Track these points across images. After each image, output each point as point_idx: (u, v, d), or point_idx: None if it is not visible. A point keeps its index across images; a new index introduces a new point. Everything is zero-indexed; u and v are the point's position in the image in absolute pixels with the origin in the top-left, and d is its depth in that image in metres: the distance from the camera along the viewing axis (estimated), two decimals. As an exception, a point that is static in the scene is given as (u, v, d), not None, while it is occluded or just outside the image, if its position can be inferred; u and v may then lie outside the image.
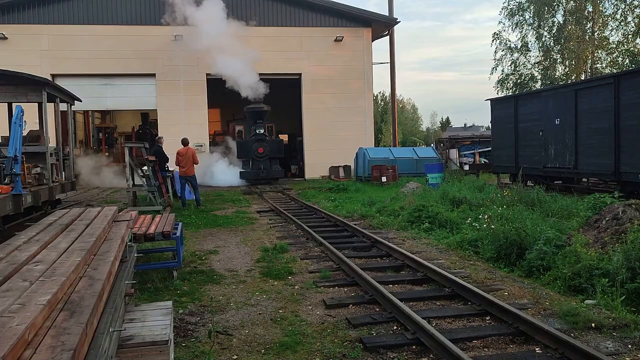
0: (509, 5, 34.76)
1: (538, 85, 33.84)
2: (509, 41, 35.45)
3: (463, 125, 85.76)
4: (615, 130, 13.41)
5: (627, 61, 30.68)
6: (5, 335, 1.96)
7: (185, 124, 24.18)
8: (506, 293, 6.42)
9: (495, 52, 35.75)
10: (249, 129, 23.87)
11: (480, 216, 9.74)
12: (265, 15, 25.84)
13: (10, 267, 3.15)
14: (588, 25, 32.93)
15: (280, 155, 24.06)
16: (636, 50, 30.70)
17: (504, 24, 36.26)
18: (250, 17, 25.32)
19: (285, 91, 26.66)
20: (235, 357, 4.80)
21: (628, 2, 30.85)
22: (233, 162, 23.88)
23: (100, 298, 2.85)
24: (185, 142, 15.71)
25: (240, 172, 22.92)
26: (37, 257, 3.51)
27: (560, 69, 34.29)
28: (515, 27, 34.87)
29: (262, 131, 22.88)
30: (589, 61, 33.04)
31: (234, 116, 28.00)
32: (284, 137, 28.19)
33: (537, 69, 35.17)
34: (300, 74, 26.24)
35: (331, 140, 25.92)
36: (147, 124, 29.10)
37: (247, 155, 22.95)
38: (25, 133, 11.43)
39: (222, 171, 23.34)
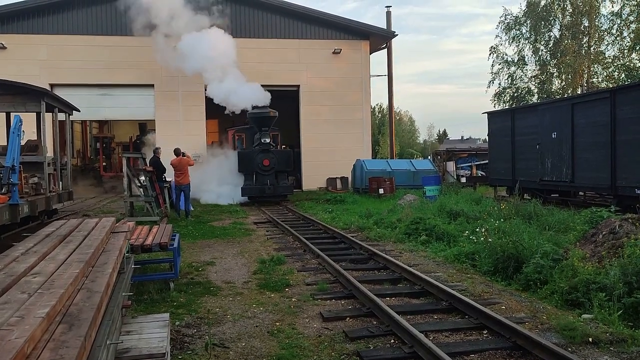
0: (505, 19, 35.09)
1: (535, 99, 34.04)
2: (506, 55, 35.71)
3: (460, 138, 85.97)
4: (611, 144, 13.48)
5: (623, 76, 30.89)
6: (5, 348, 1.96)
7: (183, 135, 24.16)
8: (503, 307, 6.42)
9: (492, 65, 36.00)
10: (251, 138, 21.29)
11: (477, 229, 9.76)
12: (264, 27, 25.98)
13: (9, 279, 3.14)
14: (584, 40, 33.23)
15: (289, 168, 21.01)
16: (632, 65, 30.94)
17: (500, 37, 36.46)
18: (248, 29, 25.50)
19: (283, 103, 26.66)
20: (232, 370, 4.78)
21: (624, 18, 31.15)
22: (231, 175, 20.93)
23: (98, 310, 2.84)
24: (177, 152, 15.66)
25: (242, 188, 19.70)
26: (35, 269, 3.50)
27: (556, 83, 34.55)
28: (512, 41, 35.16)
29: (267, 140, 19.75)
30: (585, 75, 33.30)
31: (233, 123, 26.46)
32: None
33: (533, 83, 35.41)
34: (298, 86, 26.34)
35: (329, 151, 25.96)
36: (144, 134, 29.06)
37: (250, 168, 19.84)
38: (23, 143, 11.44)
39: (219, 186, 20.75)
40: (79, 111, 16.49)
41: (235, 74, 21.33)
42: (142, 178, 15.11)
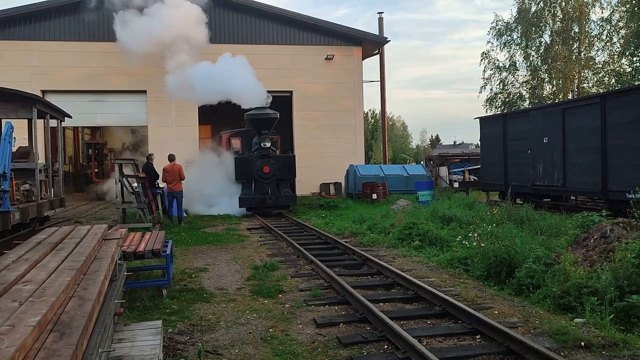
0: (497, 25, 35.32)
1: (526, 104, 34.22)
2: (498, 60, 35.92)
3: (453, 143, 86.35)
4: (602, 149, 13.58)
5: (613, 81, 31.15)
6: (-5, 357, 1.95)
7: (175, 141, 24.07)
8: (496, 311, 6.43)
9: (484, 71, 36.15)
10: (248, 142, 19.64)
11: (470, 234, 9.78)
12: (257, 33, 26.02)
13: (-1, 287, 3.12)
14: (575, 46, 33.49)
15: (292, 175, 18.91)
16: (622, 70, 31.20)
17: (492, 43, 36.70)
18: (241, 35, 25.53)
19: (276, 108, 26.64)
20: (225, 377, 4.75)
21: (613, 23, 31.45)
22: (226, 184, 18.99)
23: (90, 319, 2.83)
24: (171, 158, 15.60)
25: (239, 198, 17.74)
26: (26, 277, 3.48)
27: (547, 88, 34.75)
28: (504, 47, 35.38)
29: (268, 145, 17.87)
30: (576, 81, 33.54)
31: (228, 126, 24.85)
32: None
33: (525, 88, 35.60)
34: (291, 92, 26.37)
35: (322, 157, 25.97)
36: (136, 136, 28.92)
37: (248, 175, 17.91)
38: (14, 149, 11.39)
39: (212, 195, 19.02)
40: (71, 117, 16.43)
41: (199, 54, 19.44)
42: (135, 184, 15.04)
